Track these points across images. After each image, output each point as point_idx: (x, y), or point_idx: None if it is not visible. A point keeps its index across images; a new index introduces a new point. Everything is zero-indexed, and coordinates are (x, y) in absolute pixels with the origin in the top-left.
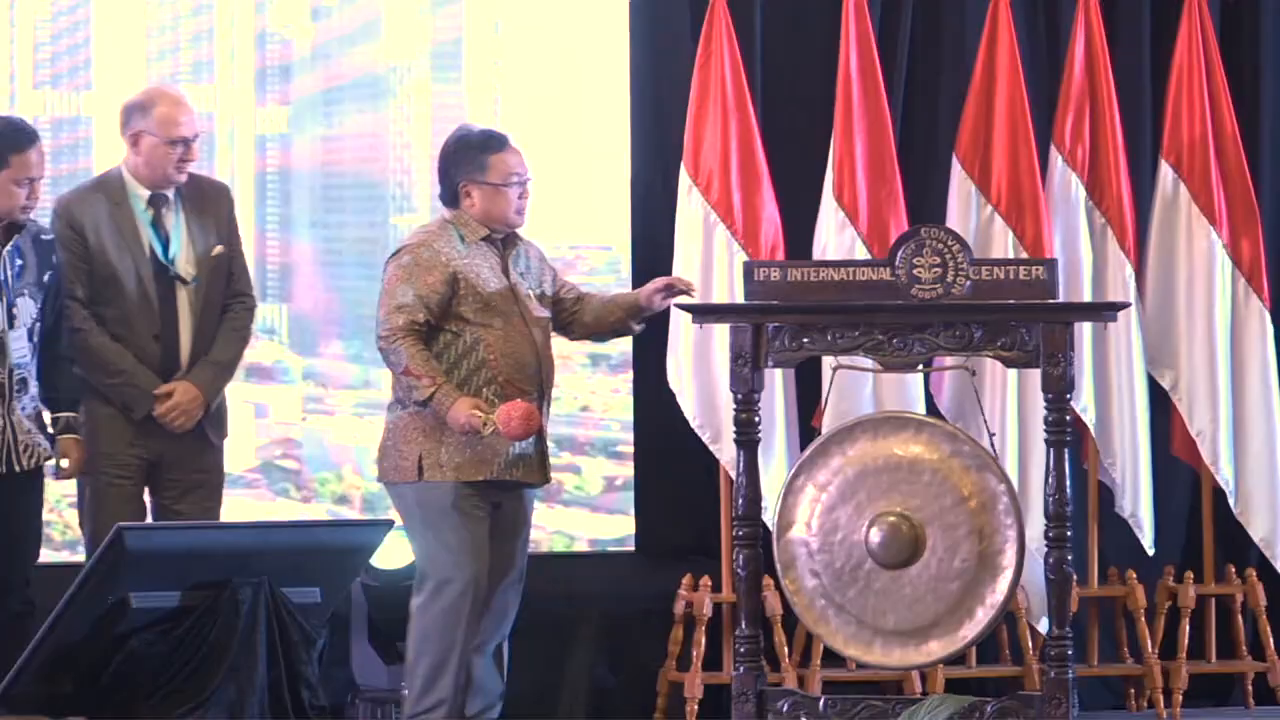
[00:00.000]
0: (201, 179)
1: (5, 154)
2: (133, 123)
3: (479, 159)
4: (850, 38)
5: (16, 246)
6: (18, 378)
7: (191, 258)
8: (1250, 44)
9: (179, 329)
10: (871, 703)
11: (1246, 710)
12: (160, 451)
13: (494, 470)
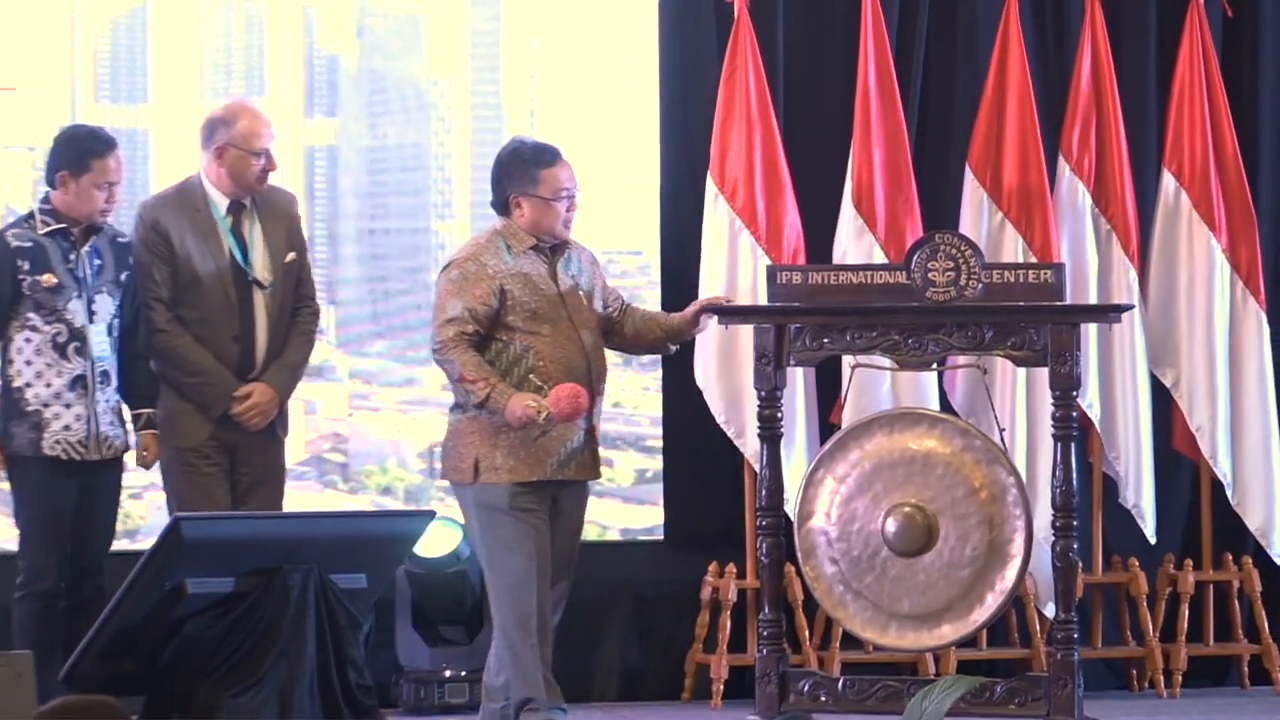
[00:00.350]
0: (273, 188)
1: (86, 160)
2: (216, 135)
3: (531, 172)
4: (868, 54)
5: (95, 247)
6: (99, 371)
7: (268, 264)
8: (1249, 60)
9: (256, 332)
10: (888, 683)
11: (1242, 690)
12: (234, 444)
13: (547, 470)
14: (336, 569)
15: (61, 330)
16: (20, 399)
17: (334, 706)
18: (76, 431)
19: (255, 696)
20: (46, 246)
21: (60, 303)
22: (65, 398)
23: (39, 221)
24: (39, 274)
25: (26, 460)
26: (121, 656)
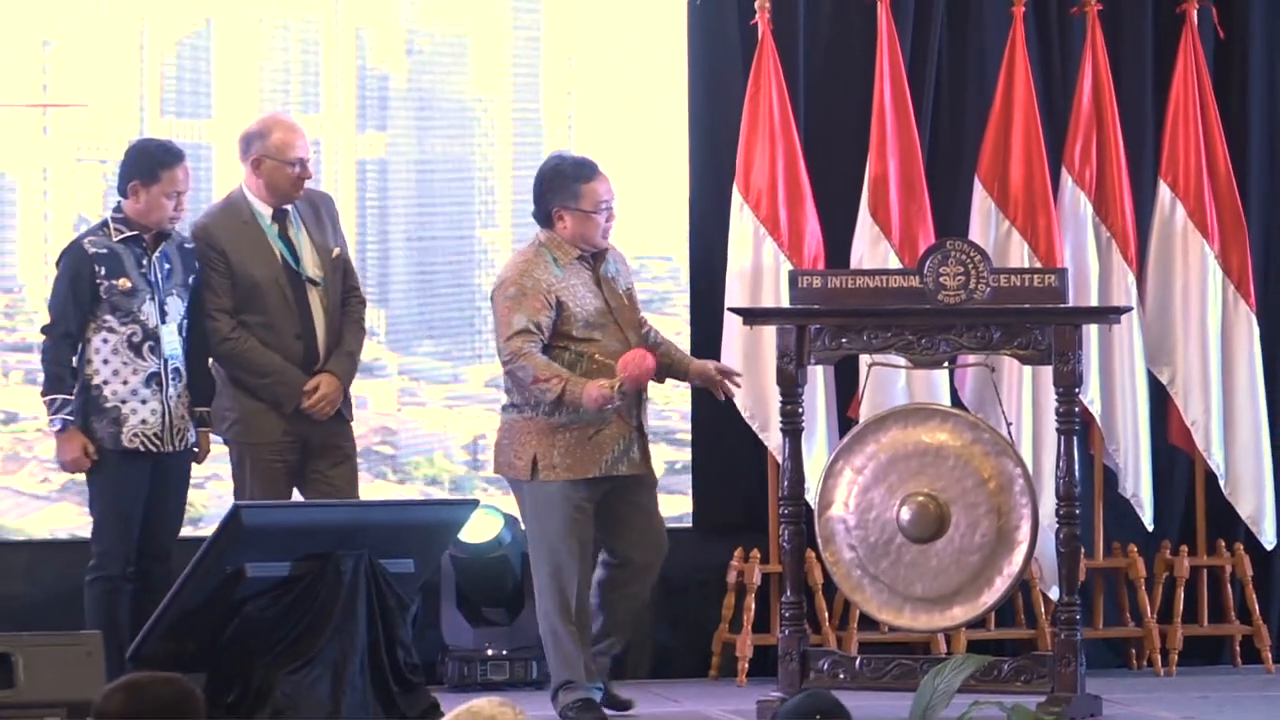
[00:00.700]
0: (310, 191)
1: (156, 170)
2: (252, 149)
3: (572, 186)
4: (883, 73)
5: (165, 253)
6: (172, 368)
7: (316, 261)
8: (1239, 79)
9: (315, 326)
10: (902, 662)
11: (1235, 669)
12: (307, 434)
13: (600, 468)
14: (386, 554)
15: (136, 331)
16: (99, 396)
17: (383, 683)
18: (152, 425)
19: (310, 673)
20: (120, 253)
21: (135, 305)
22: (141, 394)
23: (113, 229)
24: (114, 279)
25: (106, 452)
26: (185, 636)
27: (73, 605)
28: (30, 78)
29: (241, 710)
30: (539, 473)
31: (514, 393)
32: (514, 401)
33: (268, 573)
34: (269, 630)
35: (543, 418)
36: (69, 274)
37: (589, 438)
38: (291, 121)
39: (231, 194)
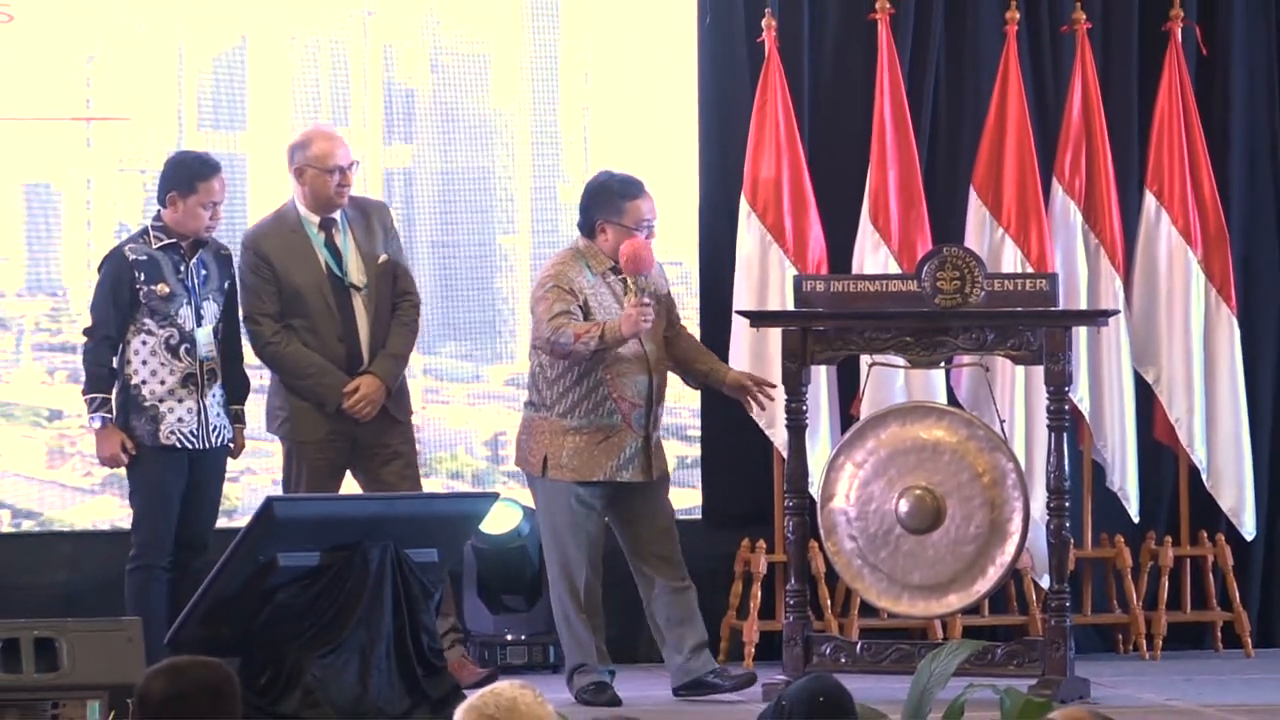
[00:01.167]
0: (363, 199)
1: (194, 182)
2: (295, 160)
3: (618, 202)
4: (883, 88)
5: (201, 259)
6: (207, 369)
7: (361, 268)
8: (1220, 91)
9: (358, 330)
10: (900, 646)
11: (1216, 653)
12: (353, 433)
13: (605, 473)
14: (411, 544)
15: (173, 333)
16: (138, 395)
17: (408, 667)
18: (188, 423)
19: (338, 658)
20: (159, 259)
21: (172, 309)
22: (178, 393)
23: (152, 237)
24: (153, 284)
25: (144, 449)
26: (220, 622)
27: (114, 593)
28: (74, 92)
29: (274, 693)
30: (548, 471)
31: (533, 390)
32: (532, 400)
33: (298, 562)
34: (299, 617)
35: (556, 418)
36: (110, 279)
37: (597, 443)
38: (331, 132)
39: (283, 205)
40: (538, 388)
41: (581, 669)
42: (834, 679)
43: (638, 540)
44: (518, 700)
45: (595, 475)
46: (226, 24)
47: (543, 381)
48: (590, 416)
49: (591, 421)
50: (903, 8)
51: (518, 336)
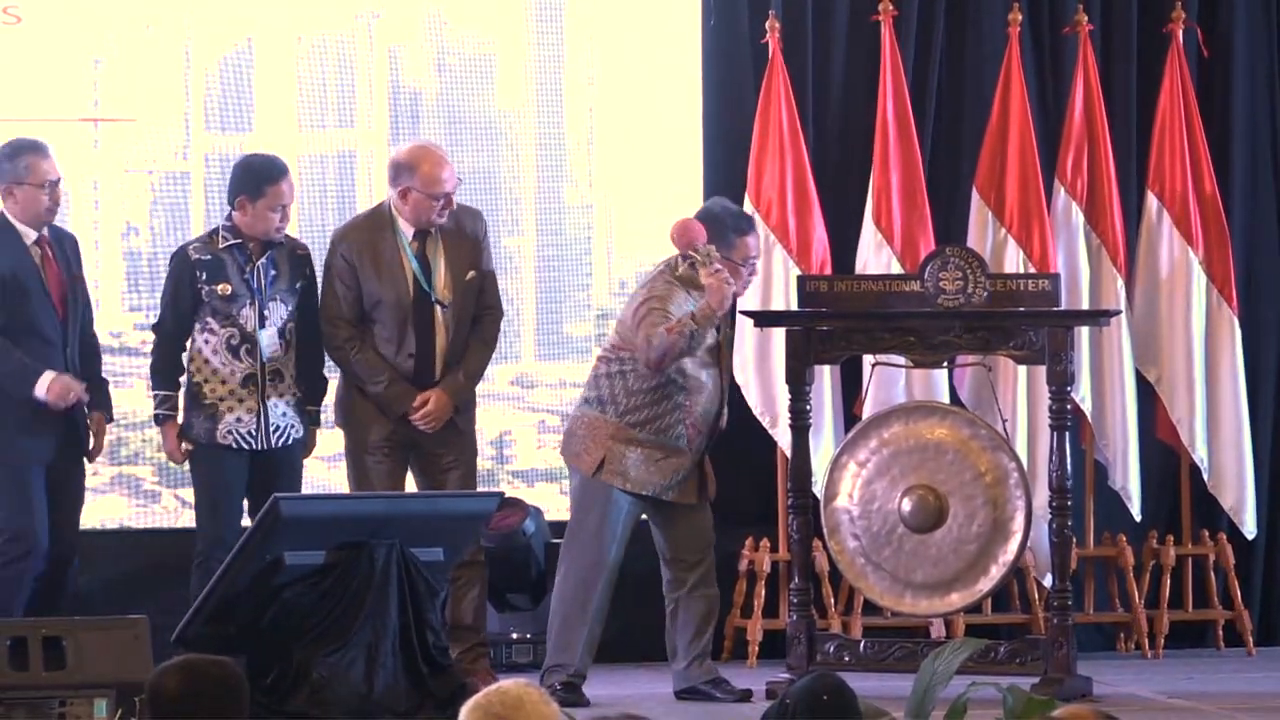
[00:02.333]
0: (461, 208)
1: (262, 186)
2: (401, 179)
3: (729, 235)
4: (887, 89)
5: (270, 259)
6: (270, 370)
7: (449, 283)
8: (1222, 92)
9: (434, 345)
10: (904, 645)
11: (1218, 652)
12: (415, 440)
13: (654, 490)
14: (416, 543)
15: (234, 333)
16: (199, 393)
17: (414, 665)
18: (247, 424)
19: (344, 655)
20: (224, 259)
21: (234, 309)
22: (238, 394)
23: (220, 237)
24: (215, 284)
25: (203, 448)
26: (227, 620)
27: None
28: (82, 94)
29: (280, 690)
30: (602, 473)
31: (600, 390)
32: (598, 399)
33: (305, 561)
34: (306, 615)
35: (624, 425)
36: (173, 278)
37: (656, 460)
38: (440, 155)
39: (380, 206)
40: (612, 391)
41: (558, 668)
42: (837, 677)
43: (676, 547)
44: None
45: (645, 490)
46: (233, 26)
47: (620, 387)
48: (659, 435)
49: (657, 439)
50: (906, 9)
51: (523, 337)
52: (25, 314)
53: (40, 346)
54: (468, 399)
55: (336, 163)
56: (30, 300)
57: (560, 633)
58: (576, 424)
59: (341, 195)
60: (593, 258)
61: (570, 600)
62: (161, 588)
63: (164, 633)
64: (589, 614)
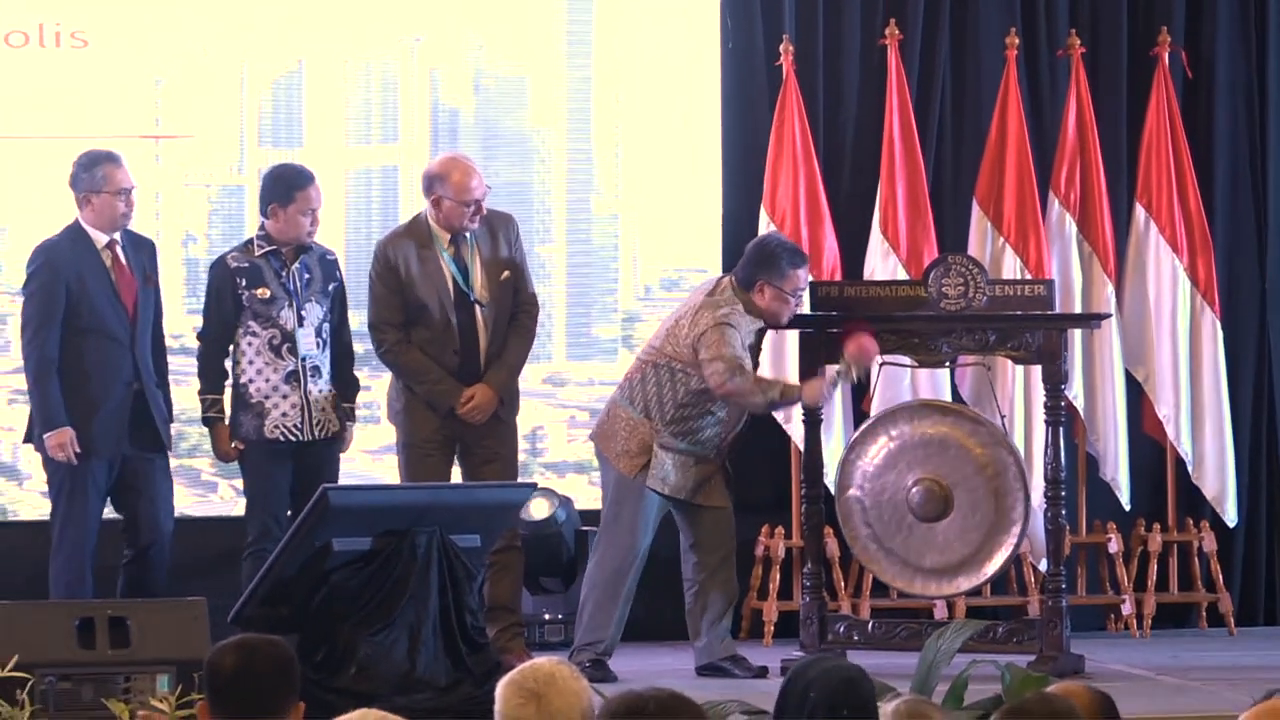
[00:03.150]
0: (491, 212)
1: (292, 192)
2: (434, 189)
3: (782, 268)
4: (893, 107)
5: (304, 263)
6: (310, 366)
7: (485, 283)
8: (1205, 112)
9: (478, 342)
10: (909, 625)
11: (1201, 631)
12: (460, 433)
13: (684, 494)
14: (455, 530)
15: (275, 334)
16: (245, 393)
17: (453, 643)
18: (292, 417)
19: (388, 635)
20: (261, 266)
21: (274, 311)
22: (281, 390)
23: (256, 245)
24: (254, 289)
25: (251, 443)
26: (279, 602)
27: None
28: (144, 112)
29: (329, 667)
30: (642, 475)
31: (643, 396)
32: (639, 404)
33: (351, 547)
34: (353, 598)
35: (667, 435)
36: (214, 286)
37: (689, 466)
38: (468, 164)
39: (418, 216)
40: (660, 399)
41: (589, 646)
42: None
43: (700, 543)
44: (555, 675)
45: (680, 495)
46: (285, 49)
47: (669, 397)
48: (697, 445)
49: (693, 448)
50: (911, 33)
51: (554, 339)
52: (93, 313)
53: (106, 344)
54: (511, 391)
55: (381, 176)
56: (98, 301)
57: (593, 614)
58: (617, 423)
59: (386, 206)
60: (619, 264)
61: (603, 585)
62: (219, 572)
63: (221, 613)
64: (620, 598)
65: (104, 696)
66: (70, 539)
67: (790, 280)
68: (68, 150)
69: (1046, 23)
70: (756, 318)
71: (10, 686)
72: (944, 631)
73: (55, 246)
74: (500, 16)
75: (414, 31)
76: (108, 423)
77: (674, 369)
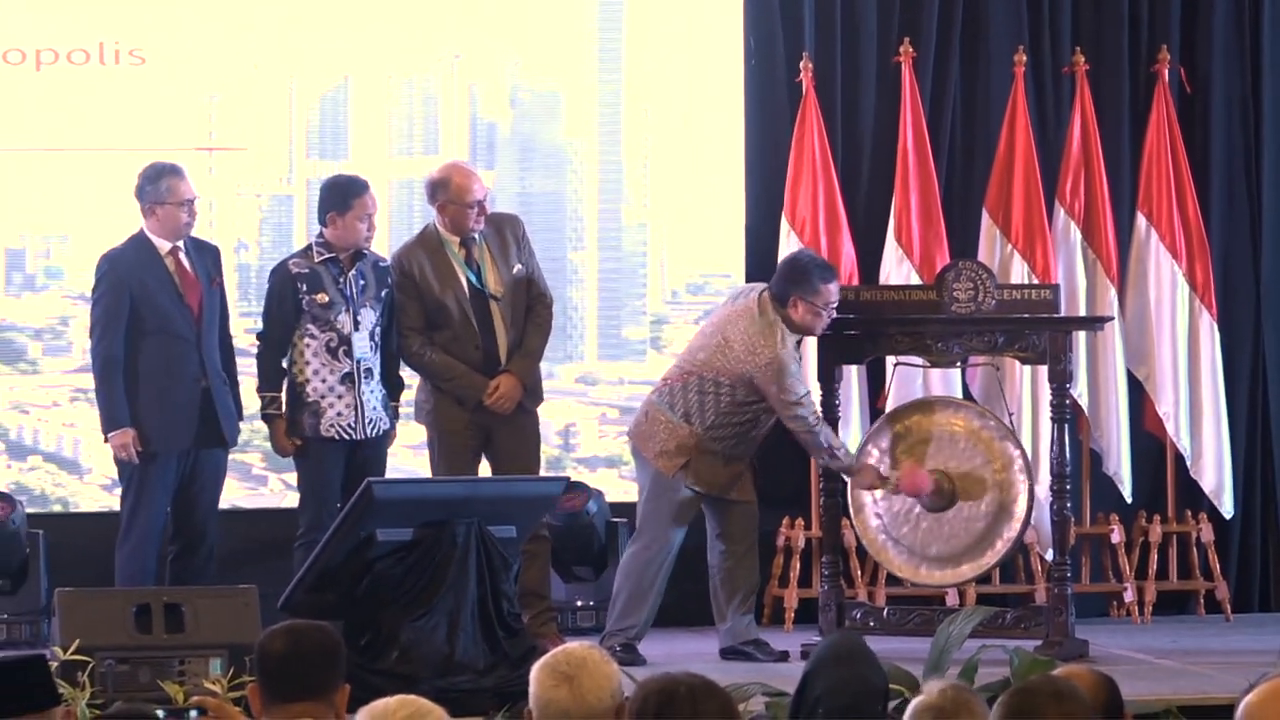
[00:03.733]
0: (497, 215)
1: (348, 199)
2: (437, 196)
3: (815, 283)
4: (907, 121)
5: (360, 270)
6: (364, 368)
7: (498, 279)
8: (1203, 124)
9: (496, 335)
10: (922, 611)
11: (1199, 618)
12: (489, 424)
13: (715, 490)
14: (493, 521)
15: (332, 337)
16: (303, 393)
17: (490, 629)
18: (346, 417)
19: (429, 621)
20: (319, 272)
21: (331, 315)
22: (337, 390)
23: (314, 252)
24: (313, 294)
25: (307, 440)
26: (325, 590)
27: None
28: (199, 126)
29: (372, 651)
30: (680, 474)
31: (686, 401)
32: (679, 408)
33: (394, 537)
34: (395, 585)
35: (706, 439)
36: (275, 290)
37: (722, 465)
38: (467, 168)
39: (427, 227)
40: (701, 407)
41: (620, 632)
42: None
43: (727, 533)
44: (587, 659)
45: (714, 491)
46: (332, 66)
47: (710, 406)
48: (734, 448)
49: (730, 450)
50: (924, 51)
51: (586, 340)
52: (158, 315)
53: (173, 343)
54: (534, 379)
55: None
56: (162, 303)
57: (626, 602)
58: (655, 425)
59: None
60: (647, 270)
61: (637, 575)
62: (268, 561)
63: (271, 600)
64: (653, 588)
65: (160, 679)
66: (137, 531)
67: (822, 295)
68: (127, 163)
69: (1052, 42)
70: (795, 332)
71: (72, 669)
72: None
73: (120, 254)
74: (536, 35)
75: (454, 49)
76: (176, 419)
77: (719, 383)
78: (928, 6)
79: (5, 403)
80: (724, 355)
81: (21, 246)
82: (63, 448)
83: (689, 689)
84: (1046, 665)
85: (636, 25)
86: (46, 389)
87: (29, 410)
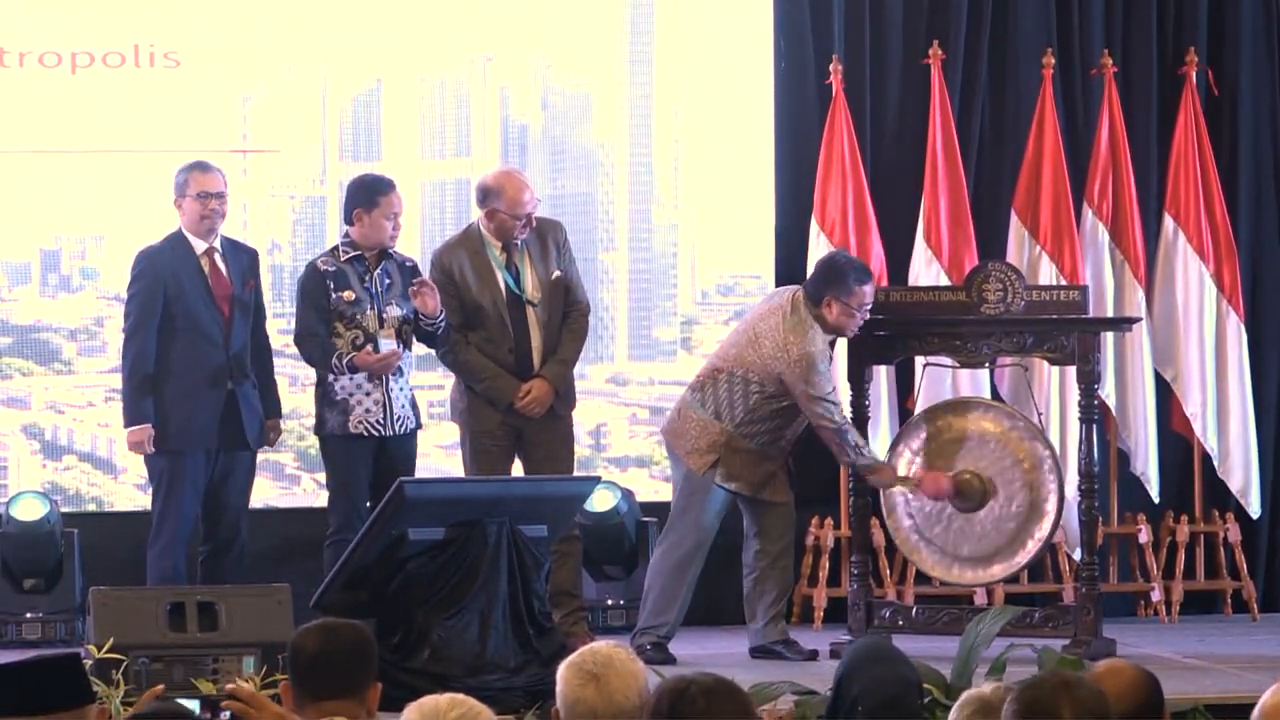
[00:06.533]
0: (541, 221)
1: (374, 198)
2: (488, 201)
3: (849, 284)
4: (936, 123)
5: (385, 269)
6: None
7: (536, 284)
8: (1230, 125)
9: (530, 340)
10: (950, 611)
11: (1226, 617)
12: (520, 426)
13: (748, 489)
14: (524, 521)
15: (358, 335)
16: (331, 390)
17: (521, 627)
18: (374, 413)
19: (460, 619)
20: (347, 270)
21: (357, 313)
22: (365, 387)
23: (342, 251)
24: (340, 291)
25: (336, 438)
26: (358, 588)
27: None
28: (233, 128)
29: (404, 649)
30: (712, 472)
31: (717, 399)
32: (711, 405)
33: (426, 536)
34: (427, 584)
35: (738, 437)
36: (306, 289)
37: (756, 464)
38: (522, 180)
39: (470, 226)
40: (731, 404)
41: (651, 629)
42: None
43: (762, 532)
44: (613, 657)
45: (746, 491)
46: (365, 68)
47: (741, 404)
48: (765, 446)
49: (762, 449)
50: (953, 53)
51: (617, 341)
52: (188, 315)
53: (200, 341)
54: (566, 385)
55: (455, 188)
56: (194, 304)
57: (657, 600)
58: (688, 423)
59: (459, 217)
60: (678, 271)
61: (668, 574)
62: (301, 559)
63: (303, 599)
64: (683, 587)
65: (193, 676)
66: (168, 530)
67: (857, 296)
68: (162, 164)
69: (1081, 44)
70: (829, 332)
71: (106, 667)
72: (983, 617)
73: (157, 252)
74: (566, 38)
75: (485, 52)
76: (204, 420)
77: (749, 379)
78: (957, 9)
79: (41, 403)
80: (755, 351)
81: (57, 248)
82: (97, 448)
83: (701, 689)
84: (1074, 665)
85: (667, 28)
86: (81, 389)
87: (64, 410)
